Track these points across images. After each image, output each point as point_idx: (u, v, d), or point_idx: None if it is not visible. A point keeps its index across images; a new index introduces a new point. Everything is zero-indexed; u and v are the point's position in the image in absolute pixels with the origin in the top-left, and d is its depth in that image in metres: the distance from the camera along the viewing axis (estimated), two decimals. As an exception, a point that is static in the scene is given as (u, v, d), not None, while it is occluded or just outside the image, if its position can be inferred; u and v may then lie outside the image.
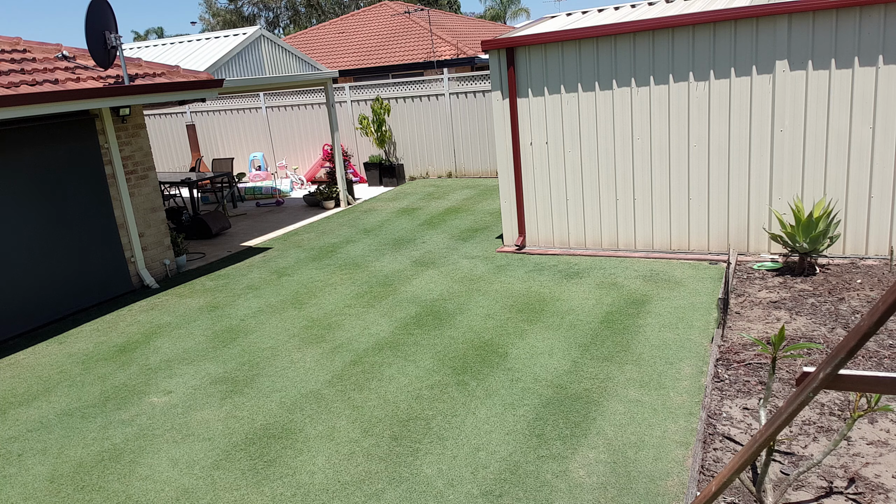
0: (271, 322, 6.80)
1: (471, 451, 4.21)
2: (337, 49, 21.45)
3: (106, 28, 7.67)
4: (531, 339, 5.78)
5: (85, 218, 7.78)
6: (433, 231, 10.04)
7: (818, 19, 6.49)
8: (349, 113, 15.11)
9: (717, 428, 4.17)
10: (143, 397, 5.40)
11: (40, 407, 5.41)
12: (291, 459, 4.31)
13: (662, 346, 5.42)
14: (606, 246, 8.13)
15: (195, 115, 16.93)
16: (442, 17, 23.18)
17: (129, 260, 8.33)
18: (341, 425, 4.67)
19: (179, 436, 4.74)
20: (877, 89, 6.46)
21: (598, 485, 3.77)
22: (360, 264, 8.60)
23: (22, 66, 7.35)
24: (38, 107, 6.61)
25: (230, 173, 13.33)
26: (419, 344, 5.92)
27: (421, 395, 4.99)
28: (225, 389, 5.40)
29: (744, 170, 7.19)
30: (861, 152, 6.67)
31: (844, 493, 3.47)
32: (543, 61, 7.79)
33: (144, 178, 8.55)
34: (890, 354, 4.84)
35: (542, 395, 4.81)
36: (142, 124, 8.52)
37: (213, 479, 4.18)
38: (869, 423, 4.04)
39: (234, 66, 13.65)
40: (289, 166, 16.03)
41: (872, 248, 6.87)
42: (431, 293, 7.21)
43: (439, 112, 14.16)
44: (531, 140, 8.14)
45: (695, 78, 7.13)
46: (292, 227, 11.24)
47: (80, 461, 4.54)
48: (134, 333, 6.87)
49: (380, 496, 3.86)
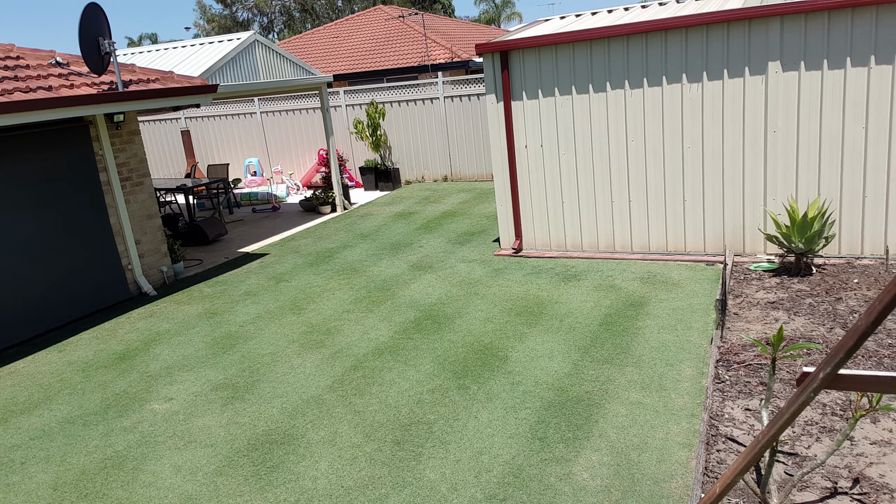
0: (270, 328, 6.80)
1: (473, 455, 4.22)
2: (331, 53, 21.46)
3: (100, 34, 7.66)
4: (531, 342, 5.80)
5: (81, 226, 7.75)
6: (430, 235, 10.05)
7: (810, 21, 6.54)
8: (344, 117, 15.11)
9: (720, 429, 4.19)
10: (145, 404, 5.39)
11: (42, 415, 5.39)
12: (294, 465, 4.31)
13: (662, 347, 5.44)
14: (603, 248, 8.16)
15: (190, 121, 16.90)
16: (436, 20, 23.22)
17: (127, 267, 8.31)
18: (343, 430, 4.67)
19: (182, 442, 4.74)
20: (869, 89, 6.51)
21: (601, 487, 3.79)
22: (357, 269, 8.60)
23: (15, 72, 7.33)
24: (32, 114, 6.59)
25: (226, 179, 13.32)
26: (419, 348, 5.92)
27: (422, 399, 5.00)
28: (226, 396, 5.39)
29: (738, 171, 7.23)
30: (854, 152, 6.72)
31: (849, 494, 3.49)
32: (537, 64, 7.82)
33: (140, 185, 8.53)
34: (889, 353, 4.88)
35: (544, 398, 4.82)
36: (136, 131, 8.51)
37: (216, 486, 4.17)
38: (871, 423, 4.07)
39: (229, 72, 13.64)
40: (284, 171, 16.02)
41: (868, 248, 6.92)
42: (430, 297, 7.22)
43: (434, 116, 14.18)
44: (526, 143, 8.17)
45: (688, 80, 7.17)
46: (289, 233, 11.23)
47: (83, 468, 4.53)
48: (133, 341, 6.85)
49: (383, 501, 3.86)
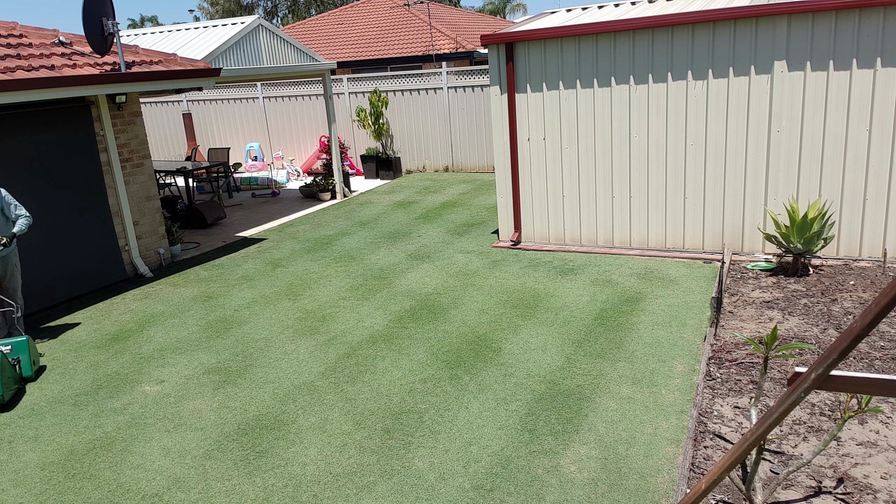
0: (265, 313, 6.80)
1: (463, 445, 4.22)
2: (335, 40, 21.37)
3: (103, 14, 7.62)
4: (525, 335, 5.79)
5: (79, 205, 7.74)
6: (429, 225, 10.03)
7: (817, 21, 6.50)
8: (347, 105, 15.06)
9: (708, 426, 4.19)
10: (136, 386, 5.39)
11: (32, 394, 5.39)
12: (284, 450, 4.32)
13: (655, 343, 5.44)
14: (602, 243, 8.15)
15: (192, 104, 16.85)
16: (441, 10, 23.11)
17: (124, 248, 8.30)
18: (334, 417, 4.68)
19: (171, 425, 4.74)
20: (874, 92, 6.47)
21: (588, 480, 3.79)
22: (355, 257, 8.59)
23: (18, 51, 7.30)
24: (34, 92, 6.57)
25: (226, 163, 13.29)
26: (413, 337, 5.92)
27: (414, 388, 5.00)
28: (218, 380, 5.39)
29: (740, 169, 7.20)
30: (857, 154, 6.69)
31: (833, 493, 3.50)
32: (542, 57, 7.78)
33: (140, 167, 8.51)
34: (881, 356, 4.87)
35: (535, 391, 4.82)
36: (138, 112, 8.48)
37: (204, 469, 4.18)
38: (859, 424, 4.07)
39: (232, 56, 13.58)
40: (285, 157, 15.99)
41: (866, 250, 6.91)
42: (426, 287, 7.21)
43: (437, 106, 14.13)
44: (529, 136, 8.14)
45: (693, 77, 7.14)
46: (288, 219, 11.22)
47: (72, 449, 4.53)
48: (127, 322, 6.85)
49: (371, 488, 3.87)
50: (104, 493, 4.02)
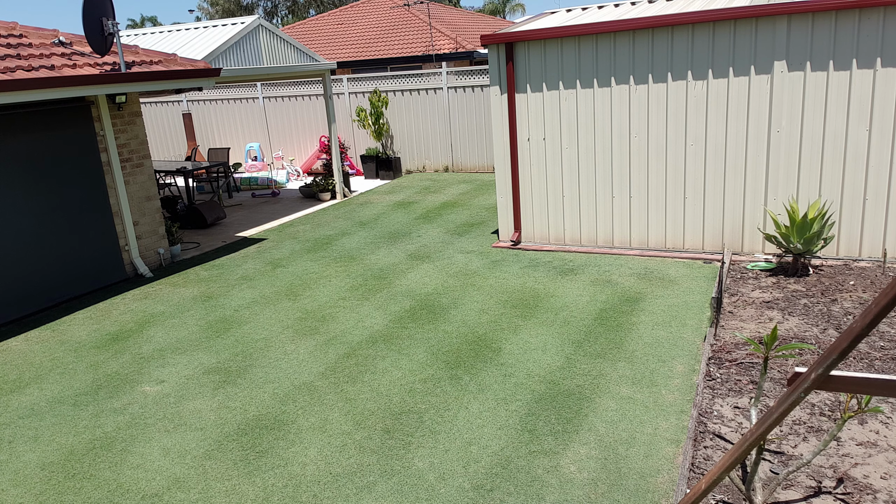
0: (265, 313, 6.79)
1: (463, 446, 4.22)
2: (335, 40, 21.37)
3: (103, 15, 7.61)
4: (525, 335, 5.79)
5: (79, 205, 7.74)
6: (429, 225, 10.03)
7: (817, 21, 6.50)
8: (347, 105, 15.06)
9: (708, 426, 4.19)
10: (136, 386, 5.39)
11: (32, 394, 5.39)
12: (283, 451, 4.32)
13: (655, 343, 5.44)
14: (602, 243, 8.15)
15: (191, 104, 16.85)
16: (441, 10, 23.11)
17: (123, 248, 8.30)
18: (334, 417, 4.68)
19: (171, 425, 4.74)
20: (874, 92, 6.47)
21: (588, 480, 3.79)
22: (355, 257, 8.59)
23: (18, 51, 7.29)
24: (34, 92, 6.56)
25: (226, 163, 13.29)
26: (413, 338, 5.92)
27: (414, 388, 5.00)
28: (218, 380, 5.39)
29: (740, 170, 7.20)
30: (857, 154, 6.69)
31: (833, 493, 3.50)
32: (542, 57, 7.78)
33: (140, 167, 8.51)
34: (881, 356, 4.87)
35: (535, 391, 4.82)
36: (138, 112, 8.48)
37: (204, 469, 4.18)
38: (859, 424, 4.07)
39: (232, 56, 13.57)
40: (285, 157, 15.99)
41: (866, 251, 6.90)
42: (426, 287, 7.21)
43: (437, 106, 14.13)
44: (528, 136, 8.14)
45: (693, 77, 7.14)
46: (288, 219, 11.22)
47: (72, 449, 4.53)
48: (127, 322, 6.85)
49: (371, 488, 3.87)
50: (104, 493, 4.02)
